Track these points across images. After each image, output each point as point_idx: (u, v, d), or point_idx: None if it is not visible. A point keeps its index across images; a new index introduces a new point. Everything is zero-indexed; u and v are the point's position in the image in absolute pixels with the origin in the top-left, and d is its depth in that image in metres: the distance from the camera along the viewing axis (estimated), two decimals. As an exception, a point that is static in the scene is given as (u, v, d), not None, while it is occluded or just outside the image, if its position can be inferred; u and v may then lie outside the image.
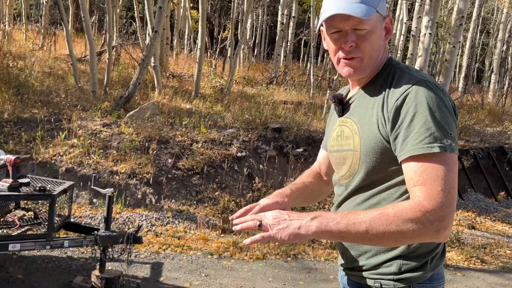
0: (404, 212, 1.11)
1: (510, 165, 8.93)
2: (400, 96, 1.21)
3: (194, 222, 5.38)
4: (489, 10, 21.79)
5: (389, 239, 1.13)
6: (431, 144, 1.14)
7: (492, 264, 5.40)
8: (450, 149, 1.15)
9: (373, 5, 1.27)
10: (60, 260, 4.18)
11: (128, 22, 17.50)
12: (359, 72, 1.33)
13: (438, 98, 1.20)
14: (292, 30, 15.42)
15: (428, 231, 1.10)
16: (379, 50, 1.33)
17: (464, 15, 8.01)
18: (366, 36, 1.28)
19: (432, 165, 1.14)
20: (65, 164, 5.64)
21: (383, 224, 1.12)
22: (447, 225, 1.11)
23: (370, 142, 1.27)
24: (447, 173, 1.13)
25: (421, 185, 1.13)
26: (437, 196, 1.11)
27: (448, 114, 1.19)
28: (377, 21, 1.30)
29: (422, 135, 1.15)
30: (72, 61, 8.35)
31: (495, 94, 16.20)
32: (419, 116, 1.17)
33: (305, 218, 1.18)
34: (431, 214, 1.10)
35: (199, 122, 7.02)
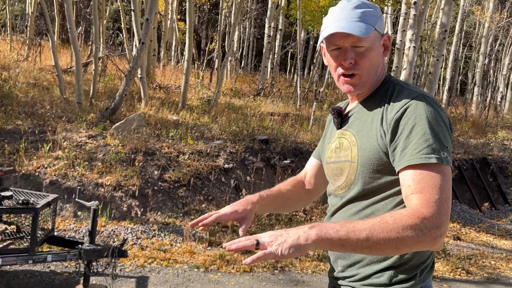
0: (403, 219, 1.12)
1: (494, 176, 9.06)
2: (400, 109, 1.25)
3: (181, 235, 5.32)
4: (471, 24, 22.29)
5: (389, 246, 1.12)
6: (429, 155, 1.17)
7: (477, 275, 5.44)
8: (446, 162, 1.18)
9: (372, 23, 1.33)
10: (43, 275, 4.09)
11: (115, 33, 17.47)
12: (358, 88, 1.38)
13: (436, 112, 1.24)
14: (279, 43, 15.56)
15: (426, 238, 1.11)
16: (378, 66, 1.38)
17: (447, 29, 8.18)
18: (365, 53, 1.33)
19: (430, 174, 1.17)
20: (49, 177, 5.55)
21: (383, 231, 1.11)
22: (443, 233, 1.13)
23: (368, 154, 1.30)
24: (443, 183, 1.16)
25: (419, 193, 1.16)
26: (435, 204, 1.13)
27: (445, 128, 1.24)
28: (376, 38, 1.35)
29: (420, 145, 1.19)
30: (57, 72, 8.28)
31: (478, 106, 16.50)
32: (418, 128, 1.21)
33: (302, 229, 1.15)
34: (429, 221, 1.11)
35: (186, 134, 6.99)
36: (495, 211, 8.34)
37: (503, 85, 17.68)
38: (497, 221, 7.88)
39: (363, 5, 1.36)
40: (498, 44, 21.00)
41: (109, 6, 15.86)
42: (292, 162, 7.05)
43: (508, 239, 7.12)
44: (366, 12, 1.34)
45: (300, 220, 6.24)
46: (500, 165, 9.34)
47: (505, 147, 10.29)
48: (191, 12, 9.58)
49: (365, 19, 1.32)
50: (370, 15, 1.34)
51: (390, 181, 1.29)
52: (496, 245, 6.74)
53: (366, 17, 1.33)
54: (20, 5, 20.43)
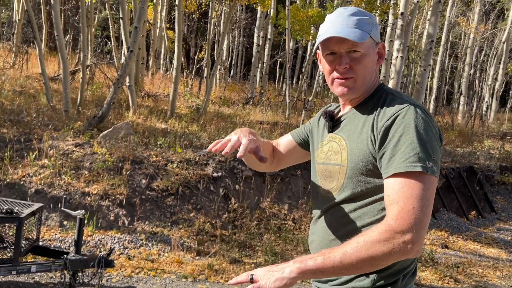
0: (372, 236, 1.17)
1: (480, 185, 9.16)
2: (391, 117, 1.26)
3: (168, 245, 5.26)
4: (457, 35, 22.67)
5: (364, 264, 1.17)
6: (414, 163, 1.19)
7: (465, 283, 5.46)
8: (431, 171, 1.20)
9: (367, 30, 1.36)
10: (27, 286, 4.00)
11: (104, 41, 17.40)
12: (352, 91, 1.39)
13: (425, 122, 1.25)
14: (268, 52, 15.62)
15: (397, 248, 1.14)
16: (372, 73, 1.40)
17: (433, 40, 8.30)
18: (360, 58, 1.36)
19: (410, 183, 1.19)
20: (35, 185, 5.47)
21: (354, 251, 1.17)
22: (414, 241, 1.15)
23: (358, 158, 1.32)
24: (422, 192, 1.18)
25: (394, 204, 1.19)
26: (406, 214, 1.16)
27: (433, 139, 1.25)
28: (371, 46, 1.38)
29: (407, 154, 1.20)
30: (44, 79, 8.19)
31: (464, 116, 16.72)
32: (406, 137, 1.22)
33: (288, 263, 1.24)
34: (397, 232, 1.15)
35: (175, 142, 6.95)
36: (482, 219, 8.41)
37: (488, 95, 17.96)
38: (484, 229, 7.95)
39: (359, 12, 1.39)
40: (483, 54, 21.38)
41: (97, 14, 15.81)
42: (281, 170, 7.04)
43: (495, 247, 7.18)
44: (362, 20, 1.37)
45: (289, 228, 6.22)
46: (486, 173, 9.45)
47: (491, 156, 10.42)
48: (180, 21, 9.59)
49: (361, 26, 1.35)
50: (365, 23, 1.37)
51: (378, 185, 1.30)
52: (483, 253, 6.79)
53: (361, 24, 1.36)
54: (7, 12, 20.26)
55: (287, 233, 6.03)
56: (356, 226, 1.34)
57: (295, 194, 6.98)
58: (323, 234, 1.43)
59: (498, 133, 15.25)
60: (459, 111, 17.40)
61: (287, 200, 6.79)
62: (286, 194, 6.92)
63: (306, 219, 6.51)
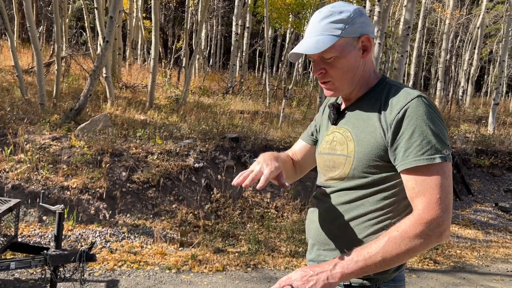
0: (408, 231, 1.22)
1: (457, 168, 9.36)
2: (401, 110, 1.29)
3: (151, 237, 5.23)
4: (433, 21, 22.94)
5: (404, 257, 1.24)
6: (433, 155, 1.25)
7: (444, 264, 5.60)
8: (449, 159, 1.27)
9: (336, 33, 1.35)
10: (6, 283, 3.93)
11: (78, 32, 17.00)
12: (336, 93, 1.45)
13: (433, 112, 1.30)
14: (246, 41, 15.54)
15: (433, 239, 1.22)
16: (355, 70, 1.40)
17: (410, 26, 8.37)
18: (333, 62, 1.38)
19: (432, 174, 1.25)
20: (11, 181, 5.35)
21: (394, 248, 1.22)
22: (446, 228, 1.23)
23: (365, 150, 1.35)
24: (444, 181, 1.25)
25: (421, 196, 1.25)
26: (435, 204, 1.22)
27: (443, 127, 1.30)
28: (346, 44, 1.36)
29: (424, 147, 1.25)
30: (17, 72, 7.97)
31: (441, 101, 17.00)
32: (420, 129, 1.26)
33: (328, 268, 1.27)
34: (431, 223, 1.21)
35: (154, 134, 6.88)
36: (459, 202, 8.61)
37: (464, 80, 18.27)
38: (461, 212, 8.15)
39: (332, 14, 1.37)
40: (459, 40, 21.71)
41: (71, 4, 15.42)
42: (262, 159, 7.05)
43: (472, 228, 7.38)
44: (331, 22, 1.36)
45: (272, 216, 6.25)
46: (463, 157, 9.66)
47: (467, 139, 10.64)
48: (157, 10, 9.43)
49: (328, 30, 1.35)
50: (335, 24, 1.35)
51: (383, 177, 1.34)
52: (461, 235, 6.96)
53: (329, 29, 1.35)
54: (-24, 3, 19.58)
55: (270, 221, 6.07)
56: (357, 214, 1.36)
57: (277, 183, 7.01)
58: (323, 222, 1.44)
59: (473, 117, 15.58)
60: (436, 96, 17.68)
61: (269, 189, 6.82)
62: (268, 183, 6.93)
63: (289, 207, 6.55)
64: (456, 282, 5.02)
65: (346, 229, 1.38)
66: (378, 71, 9.20)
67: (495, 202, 8.70)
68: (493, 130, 12.53)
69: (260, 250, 5.30)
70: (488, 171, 9.66)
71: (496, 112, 13.12)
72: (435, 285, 4.86)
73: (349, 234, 1.37)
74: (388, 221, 1.34)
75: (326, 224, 1.43)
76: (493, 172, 9.69)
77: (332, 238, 1.41)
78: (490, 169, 9.69)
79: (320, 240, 1.45)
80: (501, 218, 7.98)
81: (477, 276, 5.30)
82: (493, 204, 8.62)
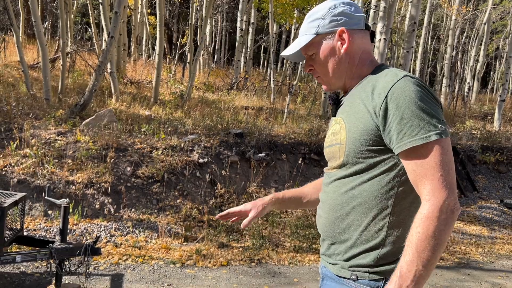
0: (428, 226, 1.18)
1: (463, 165, 9.32)
2: (388, 92, 1.27)
3: (156, 231, 5.25)
4: (439, 17, 22.79)
5: (439, 249, 1.20)
6: (428, 133, 1.21)
7: (448, 261, 5.59)
8: (445, 134, 1.23)
9: (311, 32, 1.44)
10: (12, 276, 3.96)
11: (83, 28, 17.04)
12: (329, 86, 1.51)
13: (423, 90, 1.27)
14: (251, 36, 15.51)
15: (450, 218, 1.19)
16: (338, 63, 1.44)
17: (416, 22, 8.33)
18: (316, 59, 1.47)
19: (431, 153, 1.22)
20: (17, 175, 5.38)
21: (427, 249, 1.18)
22: (455, 203, 1.20)
23: (355, 135, 1.35)
24: (444, 157, 1.22)
25: (423, 177, 1.22)
26: (439, 185, 1.20)
27: (434, 103, 1.27)
28: (323, 40, 1.44)
29: (417, 126, 1.22)
30: (23, 68, 8.00)
31: (447, 97, 16.91)
32: (411, 109, 1.24)
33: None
34: (442, 208, 1.18)
35: (159, 129, 6.89)
36: (465, 199, 8.58)
37: (470, 76, 18.15)
38: (466, 208, 8.12)
39: (312, 14, 1.46)
40: (465, 36, 21.56)
41: (76, 0, 15.43)
42: (267, 155, 7.05)
43: (477, 225, 7.35)
44: (310, 22, 1.45)
45: (276, 212, 6.25)
46: (468, 153, 9.61)
47: (473, 136, 10.59)
48: (162, 6, 9.42)
49: (307, 31, 1.45)
50: (312, 23, 1.44)
51: (376, 161, 1.33)
52: (466, 231, 6.94)
53: (308, 29, 1.46)
54: (-18, -1, 19.62)
55: (274, 217, 6.07)
56: (358, 202, 1.36)
57: (282, 178, 7.02)
58: (329, 212, 1.45)
59: (479, 113, 15.48)
60: (442, 93, 17.58)
61: (274, 184, 6.82)
62: (272, 178, 6.95)
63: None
64: (460, 278, 5.01)
65: (351, 219, 1.37)
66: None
67: (500, 198, 8.66)
68: (499, 126, 12.46)
69: (264, 245, 5.31)
70: (493, 167, 9.61)
71: (502, 108, 13.03)
72: (439, 281, 4.85)
73: (354, 224, 1.37)
74: (388, 209, 1.32)
75: (333, 214, 1.43)
76: (499, 168, 9.63)
77: (339, 230, 1.41)
78: (496, 166, 9.64)
79: (328, 233, 1.45)
80: (506, 215, 7.95)
81: (481, 272, 5.29)
82: (498, 200, 8.58)
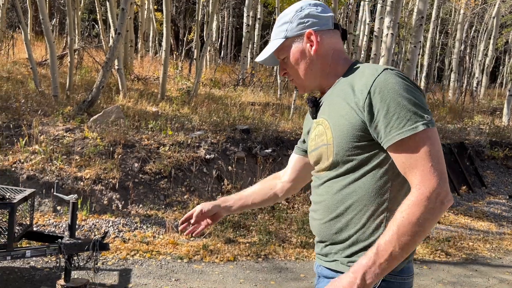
0: (413, 213, 1.18)
1: (471, 160, 9.26)
2: (371, 87, 1.26)
3: (163, 227, 5.29)
4: (447, 11, 22.58)
5: (420, 236, 1.19)
6: (414, 124, 1.21)
7: (456, 256, 5.57)
8: (431, 124, 1.22)
9: (281, 36, 1.45)
10: (22, 271, 4.02)
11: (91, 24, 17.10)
12: (302, 89, 1.51)
13: (404, 82, 1.26)
14: (258, 32, 15.48)
15: (438, 208, 1.18)
16: (310, 65, 1.45)
17: (424, 16, 8.26)
18: (287, 62, 1.48)
19: (419, 144, 1.21)
20: (26, 172, 5.44)
21: (407, 234, 1.18)
22: (446, 194, 1.19)
23: (341, 134, 1.33)
24: (432, 148, 1.21)
25: (413, 169, 1.22)
26: (429, 174, 1.19)
27: (418, 93, 1.27)
28: (293, 44, 1.45)
29: (404, 119, 1.22)
30: (31, 65, 8.07)
31: (455, 92, 16.78)
32: (395, 102, 1.23)
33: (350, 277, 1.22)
34: (431, 196, 1.18)
35: (166, 125, 6.92)
36: (473, 194, 8.53)
37: (478, 71, 17.99)
38: (474, 204, 8.07)
39: (281, 17, 1.47)
40: (473, 30, 21.36)
41: (83, -3, 15.49)
42: (273, 151, 7.06)
43: (485, 220, 7.31)
44: (279, 27, 1.46)
45: (283, 208, 6.27)
46: (476, 149, 9.55)
47: (481, 131, 10.51)
48: (168, 2, 9.43)
49: (277, 35, 1.46)
50: (281, 27, 1.45)
51: (367, 157, 1.32)
52: (473, 227, 6.91)
53: (277, 33, 1.47)
54: (-9, -4, 19.75)
55: (281, 212, 6.09)
56: (354, 200, 1.34)
57: (288, 174, 7.01)
58: (323, 213, 1.43)
59: (488, 108, 15.35)
60: (450, 88, 17.46)
61: (280, 180, 6.82)
62: (279, 174, 6.95)
63: (299, 198, 6.56)
64: (468, 274, 5.00)
65: (348, 218, 1.36)
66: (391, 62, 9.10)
67: (509, 194, 8.60)
68: (507, 121, 12.35)
69: (271, 240, 5.33)
70: (502, 163, 9.54)
71: (511, 103, 12.91)
72: (446, 276, 4.84)
73: (352, 222, 1.35)
74: (385, 204, 1.31)
75: (327, 218, 1.41)
76: (507, 164, 9.56)
77: (334, 230, 1.39)
78: (504, 161, 9.56)
79: (324, 235, 1.43)
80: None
81: (489, 268, 5.27)
82: (507, 196, 8.52)
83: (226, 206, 1.77)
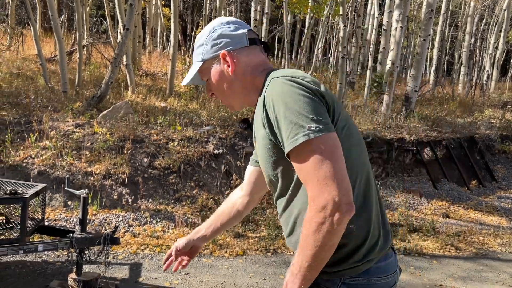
0: (307, 228, 1.14)
1: (481, 155, 9.19)
2: (264, 100, 1.24)
3: (173, 221, 5.32)
4: (457, 4, 22.31)
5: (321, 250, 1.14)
6: (295, 136, 1.14)
7: (466, 251, 5.54)
8: (316, 132, 1.13)
9: (199, 59, 1.44)
10: (34, 265, 4.07)
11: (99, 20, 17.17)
12: (231, 108, 1.51)
13: (291, 88, 1.19)
14: (265, 27, 15.41)
15: (328, 225, 1.11)
16: (230, 85, 1.41)
17: (433, 9, 8.18)
18: (210, 84, 1.46)
19: (303, 158, 1.15)
20: (37, 167, 5.49)
21: (308, 248, 1.15)
22: (339, 204, 1.10)
23: (261, 152, 1.32)
24: (317, 160, 1.12)
25: (305, 182, 1.17)
26: (316, 190, 1.12)
27: (306, 100, 1.17)
28: (211, 66, 1.42)
29: (288, 129, 1.15)
30: (41, 61, 8.13)
31: (465, 86, 16.62)
32: (281, 111, 1.17)
33: None
34: (320, 210, 1.11)
35: (174, 120, 6.95)
36: (483, 189, 8.47)
37: (489, 64, 17.79)
38: (484, 198, 8.01)
39: (198, 39, 1.46)
40: (484, 23, 21.10)
41: (91, -7, 15.56)
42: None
43: (495, 215, 7.26)
44: (197, 49, 1.45)
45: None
46: (487, 143, 9.47)
47: (492, 125, 10.41)
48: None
49: (196, 57, 1.45)
50: (198, 49, 1.44)
51: (287, 174, 1.28)
52: (484, 222, 6.86)
53: (196, 56, 1.45)
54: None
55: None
56: (295, 220, 1.32)
57: (297, 169, 7.02)
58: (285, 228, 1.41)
59: (498, 102, 15.19)
60: (460, 82, 17.29)
61: (289, 175, 6.83)
62: (287, 169, 6.95)
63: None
64: (478, 268, 4.97)
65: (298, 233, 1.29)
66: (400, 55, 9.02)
67: (519, 188, 8.52)
68: (518, 115, 12.21)
69: (280, 235, 5.34)
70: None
71: (522, 97, 12.76)
72: (457, 271, 4.82)
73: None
74: None
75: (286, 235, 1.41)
76: (518, 158, 9.47)
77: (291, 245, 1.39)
78: (515, 155, 9.48)
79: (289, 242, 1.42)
80: (525, 205, 7.83)
81: (500, 263, 5.23)
82: (518, 190, 8.45)
83: (200, 237, 1.75)
